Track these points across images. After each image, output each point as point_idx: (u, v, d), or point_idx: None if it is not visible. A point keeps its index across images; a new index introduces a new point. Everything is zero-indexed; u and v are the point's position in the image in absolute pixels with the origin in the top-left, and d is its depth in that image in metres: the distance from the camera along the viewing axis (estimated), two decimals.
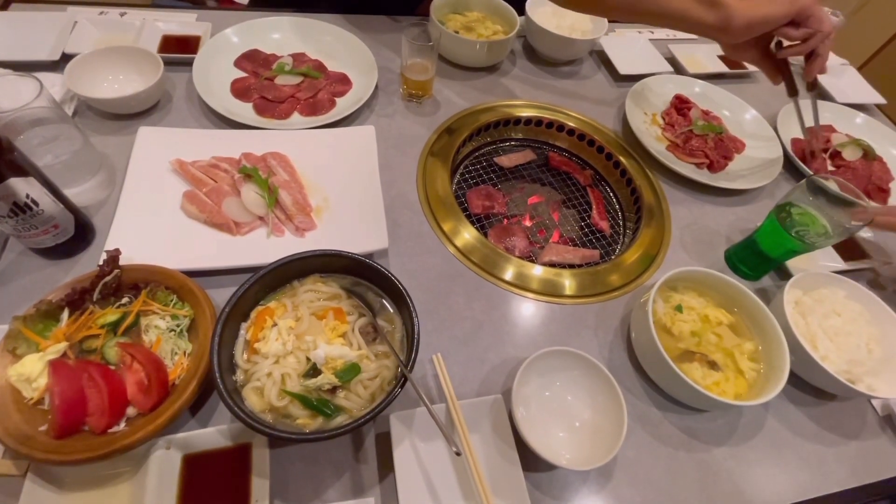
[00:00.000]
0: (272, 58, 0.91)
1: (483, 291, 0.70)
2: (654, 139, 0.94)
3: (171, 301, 0.55)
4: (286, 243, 0.67)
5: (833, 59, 1.24)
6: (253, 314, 0.54)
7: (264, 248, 0.66)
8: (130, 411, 0.48)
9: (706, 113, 0.99)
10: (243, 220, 0.67)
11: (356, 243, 0.64)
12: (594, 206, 0.88)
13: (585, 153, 0.96)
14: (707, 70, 1.11)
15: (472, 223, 0.77)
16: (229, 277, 0.63)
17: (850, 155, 0.97)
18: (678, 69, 1.10)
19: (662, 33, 1.20)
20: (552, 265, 0.77)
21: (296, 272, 0.57)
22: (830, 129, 1.04)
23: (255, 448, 0.50)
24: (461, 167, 0.91)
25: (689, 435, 0.61)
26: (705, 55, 1.15)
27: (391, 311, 0.57)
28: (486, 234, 0.79)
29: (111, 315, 0.52)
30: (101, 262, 0.55)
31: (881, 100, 1.16)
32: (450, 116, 0.91)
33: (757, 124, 0.99)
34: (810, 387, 0.66)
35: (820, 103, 1.08)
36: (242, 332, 0.52)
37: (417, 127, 0.88)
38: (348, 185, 0.74)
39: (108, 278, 0.53)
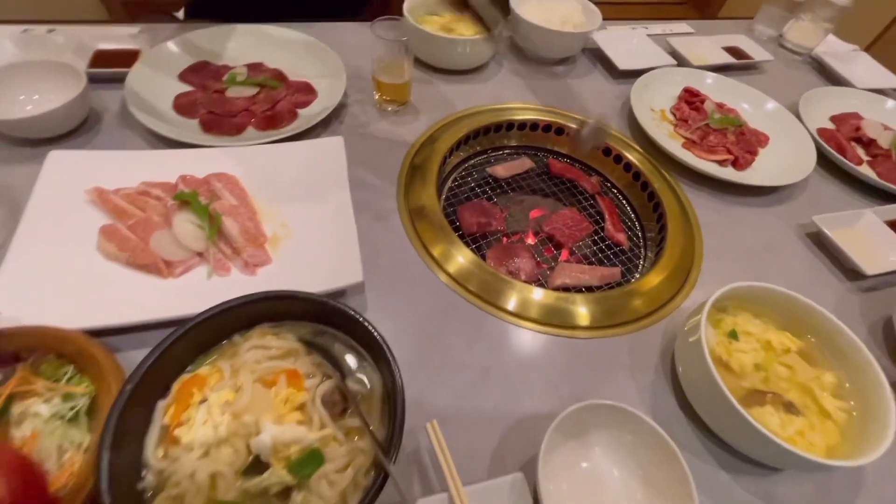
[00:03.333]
0: (223, 69, 0.79)
1: (485, 328, 0.56)
2: (666, 137, 0.83)
3: (65, 374, 0.41)
4: (232, 284, 0.53)
5: (842, 45, 1.16)
6: (175, 386, 0.39)
7: (204, 292, 0.52)
8: None
9: (721, 106, 0.89)
10: (176, 257, 0.52)
11: (324, 278, 0.52)
12: (607, 217, 0.75)
13: (589, 157, 0.84)
14: (710, 63, 1.00)
15: (467, 244, 0.64)
16: (157, 334, 0.48)
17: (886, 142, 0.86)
18: (681, 62, 1.00)
19: (659, 28, 1.11)
20: (566, 289, 0.63)
21: (238, 322, 0.43)
22: (856, 116, 0.93)
23: None
24: (449, 180, 0.78)
25: None
26: (706, 49, 1.05)
27: (366, 366, 0.42)
28: (483, 257, 0.65)
29: None
30: None
31: None
32: (432, 124, 0.79)
33: (778, 115, 0.88)
34: None
35: (843, 90, 0.99)
36: (159, 413, 0.38)
37: (396, 138, 0.76)
38: (313, 207, 0.61)
39: None
